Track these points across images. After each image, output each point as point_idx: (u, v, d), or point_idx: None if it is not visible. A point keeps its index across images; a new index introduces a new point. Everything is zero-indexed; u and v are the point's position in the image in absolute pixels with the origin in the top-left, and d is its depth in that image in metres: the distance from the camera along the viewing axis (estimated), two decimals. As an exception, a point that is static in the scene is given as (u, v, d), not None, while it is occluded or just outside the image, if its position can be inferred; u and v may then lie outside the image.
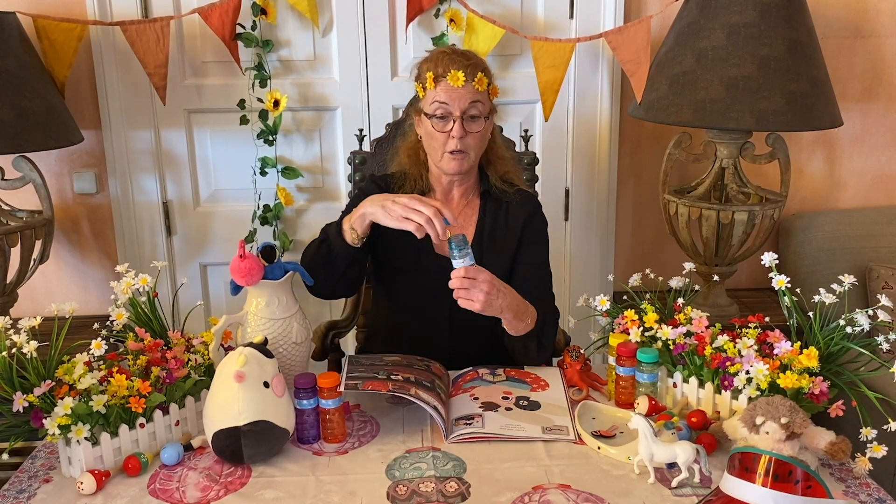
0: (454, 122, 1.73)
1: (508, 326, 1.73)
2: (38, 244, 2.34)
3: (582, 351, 1.77)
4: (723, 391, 1.50)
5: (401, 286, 1.89)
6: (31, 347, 1.38)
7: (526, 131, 2.31)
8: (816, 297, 1.49)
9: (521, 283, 1.76)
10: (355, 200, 1.88)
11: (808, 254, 2.65)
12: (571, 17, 2.58)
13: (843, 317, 1.47)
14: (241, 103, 2.50)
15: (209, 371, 1.52)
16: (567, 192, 2.74)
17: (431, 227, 1.56)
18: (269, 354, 1.46)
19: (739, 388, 1.45)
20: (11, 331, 1.42)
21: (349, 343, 2.55)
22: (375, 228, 1.66)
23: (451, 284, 1.59)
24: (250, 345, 1.45)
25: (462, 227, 1.84)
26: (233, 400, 1.38)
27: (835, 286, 1.49)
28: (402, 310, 1.91)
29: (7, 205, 2.36)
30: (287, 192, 2.60)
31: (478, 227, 1.87)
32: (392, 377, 1.55)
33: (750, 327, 1.57)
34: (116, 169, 2.58)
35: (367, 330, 2.16)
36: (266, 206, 2.61)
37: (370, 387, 1.50)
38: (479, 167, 1.89)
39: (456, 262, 1.59)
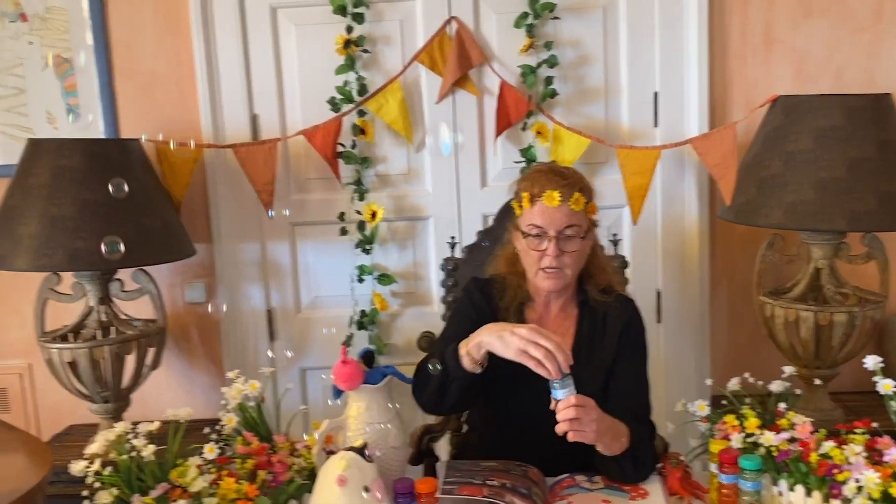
0: (549, 242, 1.74)
1: (605, 448, 1.65)
2: (151, 352, 2.48)
3: (682, 457, 1.73)
4: (832, 500, 1.45)
5: (502, 397, 1.82)
6: (149, 451, 1.47)
7: (614, 235, 2.34)
8: (926, 402, 1.45)
9: (617, 395, 1.69)
10: (460, 306, 1.93)
11: (916, 355, 2.54)
12: (656, 125, 2.65)
13: (956, 421, 1.42)
14: (342, 216, 2.64)
15: (311, 475, 1.57)
16: (658, 294, 2.74)
17: (550, 361, 1.53)
18: (368, 458, 1.50)
19: (849, 497, 1.40)
20: (130, 434, 1.51)
21: (443, 447, 2.56)
22: None
23: (563, 416, 1.54)
24: (351, 448, 1.50)
25: (561, 338, 1.75)
26: (335, 504, 1.42)
27: (945, 389, 1.45)
28: (502, 420, 1.85)
29: (125, 315, 2.52)
30: (382, 298, 2.69)
31: (576, 339, 1.85)
32: (488, 482, 1.57)
33: (856, 433, 1.52)
34: (224, 279, 2.74)
35: (464, 434, 2.15)
36: (363, 312, 2.71)
37: (466, 492, 1.52)
38: (578, 278, 1.86)
39: (560, 393, 1.55)
